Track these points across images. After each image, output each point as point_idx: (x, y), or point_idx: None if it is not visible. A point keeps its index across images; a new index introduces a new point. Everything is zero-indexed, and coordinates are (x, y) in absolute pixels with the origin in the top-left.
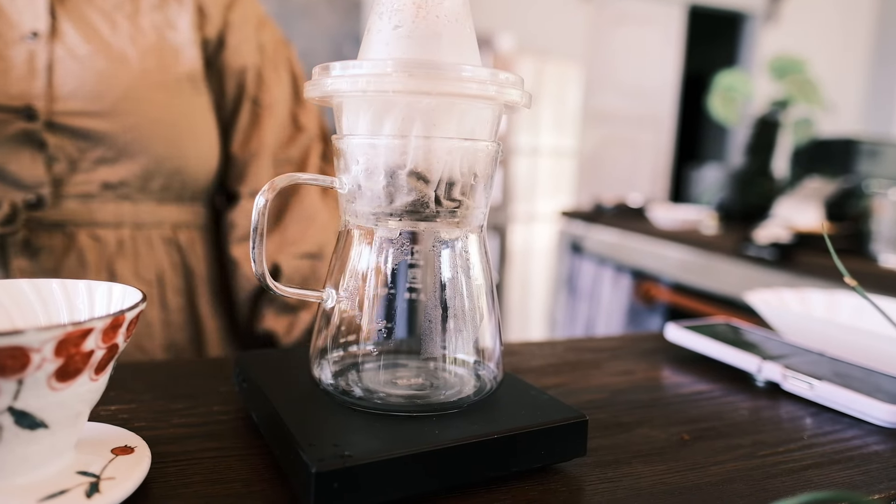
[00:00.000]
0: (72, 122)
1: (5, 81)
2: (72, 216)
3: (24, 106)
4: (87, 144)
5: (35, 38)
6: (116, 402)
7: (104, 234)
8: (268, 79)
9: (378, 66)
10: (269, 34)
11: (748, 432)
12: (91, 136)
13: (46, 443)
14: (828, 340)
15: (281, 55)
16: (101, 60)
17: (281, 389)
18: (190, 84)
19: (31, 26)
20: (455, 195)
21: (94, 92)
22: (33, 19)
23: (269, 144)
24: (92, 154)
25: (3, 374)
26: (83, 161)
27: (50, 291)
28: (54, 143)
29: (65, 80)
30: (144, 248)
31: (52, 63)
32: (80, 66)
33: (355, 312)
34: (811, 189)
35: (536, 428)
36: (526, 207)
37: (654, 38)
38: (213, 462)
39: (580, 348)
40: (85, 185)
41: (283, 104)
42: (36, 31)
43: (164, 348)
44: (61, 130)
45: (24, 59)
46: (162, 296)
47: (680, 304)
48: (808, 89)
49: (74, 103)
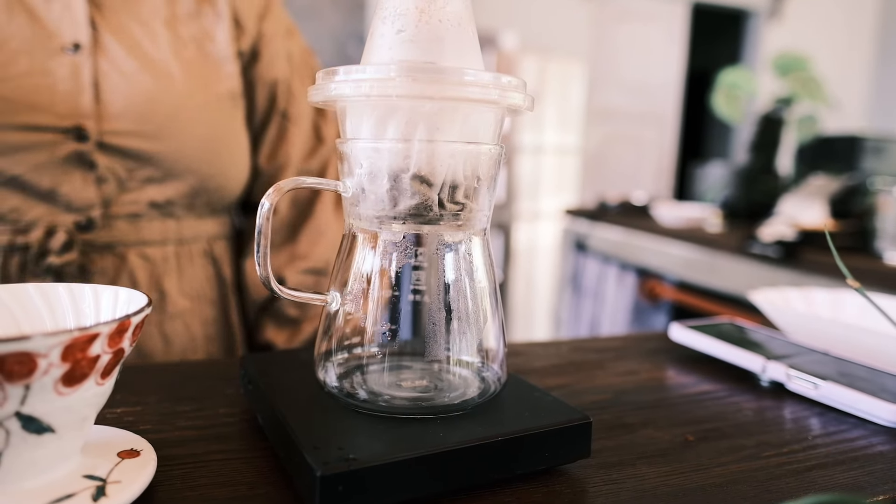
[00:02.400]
0: (121, 142)
1: (52, 98)
2: (121, 237)
3: (75, 126)
4: (136, 164)
5: (77, 50)
6: (122, 404)
7: (152, 252)
8: (296, 91)
9: (381, 71)
10: (296, 44)
11: (752, 433)
12: (140, 156)
13: (53, 447)
14: (832, 340)
15: (307, 65)
16: (148, 78)
17: (286, 392)
18: (231, 101)
19: (73, 37)
20: (458, 198)
21: (142, 112)
22: (73, 30)
23: (294, 157)
24: (140, 174)
25: (10, 379)
26: (131, 181)
27: (56, 296)
28: (105, 163)
29: (113, 98)
30: (187, 264)
31: (97, 78)
32: (126, 84)
33: (359, 315)
34: (815, 186)
35: (540, 430)
36: (530, 206)
37: (657, 35)
38: (219, 465)
39: (584, 348)
40: (133, 206)
41: (307, 116)
42: (78, 43)
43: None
44: (111, 151)
45: (69, 73)
46: (202, 310)
47: (685, 302)
48: (812, 86)
49: (124, 123)
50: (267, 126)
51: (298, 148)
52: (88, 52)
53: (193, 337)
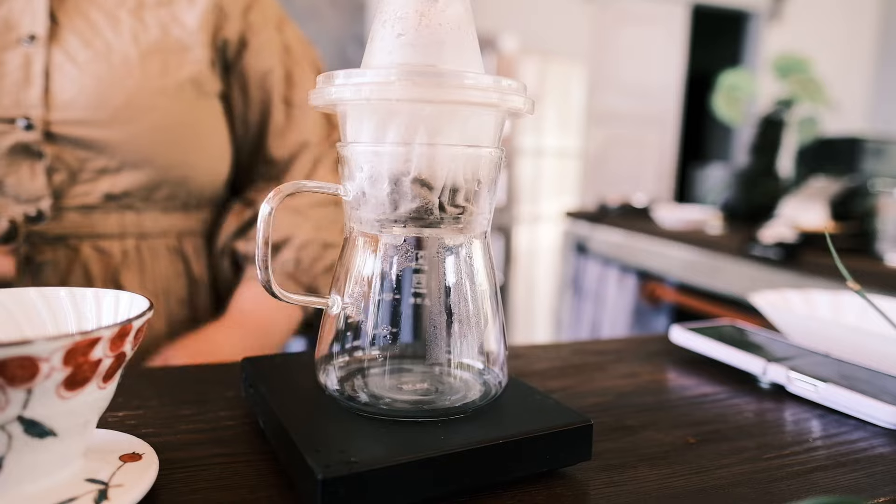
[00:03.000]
0: (71, 131)
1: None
2: (74, 229)
3: (20, 116)
4: (89, 154)
5: (32, 41)
6: (124, 407)
7: (108, 245)
8: (298, 78)
9: (381, 75)
10: (291, 34)
11: (753, 435)
12: (92, 145)
13: (55, 451)
14: (833, 342)
15: (307, 54)
16: (102, 66)
17: (287, 395)
18: (194, 88)
19: (29, 29)
20: (459, 201)
21: (94, 100)
22: (31, 22)
23: (312, 138)
24: (93, 164)
25: (12, 383)
26: (84, 172)
27: (58, 299)
28: (53, 153)
29: (63, 88)
30: (150, 259)
31: (49, 69)
32: (79, 72)
33: (360, 318)
34: (816, 188)
35: (542, 433)
36: (530, 208)
37: (657, 37)
38: (221, 468)
39: (585, 351)
40: (86, 197)
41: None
42: (33, 35)
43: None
44: (60, 140)
45: (20, 64)
46: (168, 307)
47: (685, 304)
48: (812, 88)
49: (73, 112)
50: (269, 116)
51: (311, 130)
52: (43, 44)
53: (156, 335)
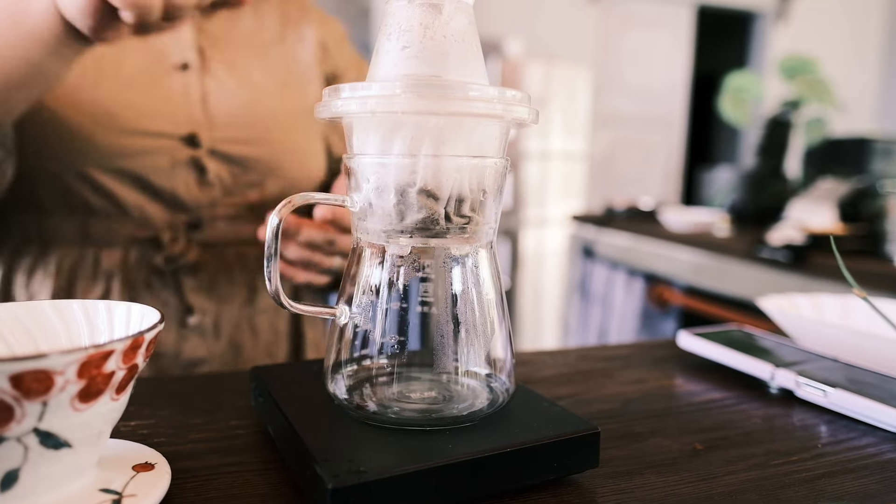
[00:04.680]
0: (229, 149)
1: (168, 107)
2: (222, 236)
3: (189, 133)
4: (240, 170)
5: (186, 69)
6: (136, 417)
7: (248, 251)
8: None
9: (386, 88)
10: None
11: (761, 441)
12: (243, 162)
13: (70, 462)
14: (842, 346)
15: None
16: (247, 92)
17: (296, 404)
18: (312, 116)
19: (181, 58)
20: (464, 211)
21: (244, 122)
22: (181, 51)
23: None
24: (243, 179)
25: (28, 396)
26: (236, 185)
27: (71, 312)
28: (213, 168)
29: (219, 111)
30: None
31: (205, 94)
32: (229, 98)
33: (368, 328)
34: (824, 190)
35: (549, 441)
36: (537, 212)
37: (662, 39)
38: (232, 477)
39: (592, 357)
40: (233, 208)
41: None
42: (186, 63)
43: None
44: (220, 157)
45: (180, 88)
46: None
47: (693, 307)
48: (819, 89)
49: (230, 132)
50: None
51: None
52: (197, 72)
53: (277, 332)
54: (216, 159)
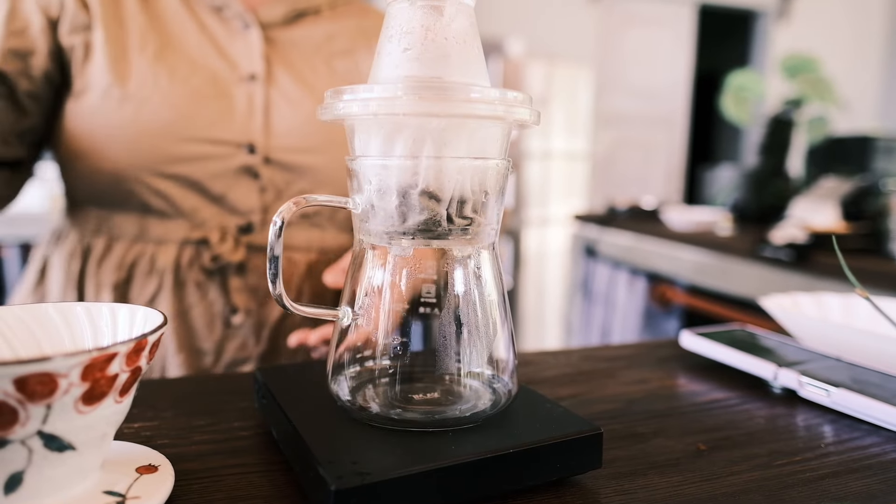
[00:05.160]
0: (283, 157)
1: (231, 118)
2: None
3: (247, 142)
4: (293, 177)
5: (253, 80)
6: (139, 419)
7: (298, 257)
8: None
9: (388, 90)
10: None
11: (765, 441)
12: (297, 169)
13: (74, 464)
14: (845, 345)
15: None
16: (308, 103)
17: (299, 406)
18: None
19: (249, 69)
20: (466, 213)
21: (304, 132)
22: (249, 63)
23: None
24: (296, 186)
25: (32, 399)
26: (288, 192)
27: (74, 315)
28: (267, 175)
29: (280, 120)
30: (321, 272)
31: (268, 104)
32: (291, 108)
33: (370, 329)
34: (827, 188)
35: (551, 442)
36: (539, 211)
37: (664, 38)
38: (235, 479)
39: (595, 357)
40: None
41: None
42: (254, 75)
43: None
44: (274, 164)
45: (245, 99)
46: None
47: (696, 306)
48: (821, 87)
49: (287, 140)
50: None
51: None
52: (262, 82)
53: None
54: (271, 166)
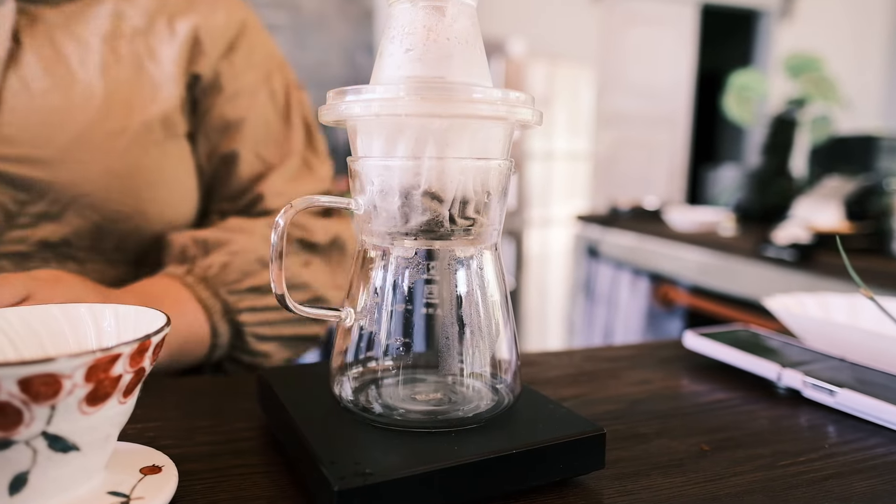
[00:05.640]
0: (12, 169)
1: None
2: None
3: None
4: (28, 196)
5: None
6: (143, 419)
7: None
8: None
9: (390, 91)
10: (279, 80)
11: (768, 442)
12: (33, 186)
13: (78, 465)
14: (849, 346)
15: (294, 102)
16: (58, 97)
17: (302, 406)
18: (162, 127)
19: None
20: (469, 213)
21: (42, 135)
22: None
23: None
24: (33, 208)
25: (36, 400)
26: (22, 216)
27: (78, 316)
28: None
29: (10, 118)
30: None
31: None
32: (30, 103)
33: (373, 330)
34: (830, 188)
35: (554, 442)
36: (541, 212)
37: (666, 37)
38: (239, 479)
39: (597, 357)
40: (20, 244)
41: (296, 154)
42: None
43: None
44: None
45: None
46: None
47: (699, 306)
48: (824, 87)
49: (18, 148)
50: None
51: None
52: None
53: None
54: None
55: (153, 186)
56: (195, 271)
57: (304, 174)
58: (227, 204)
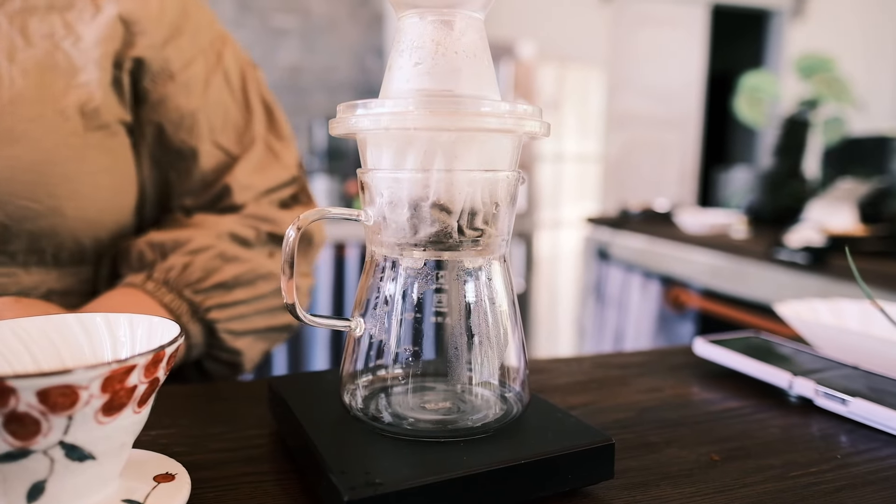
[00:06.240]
0: None
1: None
2: None
3: None
4: None
5: None
6: (156, 426)
7: None
8: (236, 117)
9: (399, 105)
10: (232, 60)
11: (779, 452)
12: None
13: (94, 473)
14: (862, 353)
15: (251, 83)
16: None
17: (312, 415)
18: (82, 117)
19: None
20: (477, 224)
21: None
22: None
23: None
24: None
25: (54, 410)
26: None
27: (94, 325)
28: None
29: None
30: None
31: None
32: None
33: (383, 340)
34: (844, 190)
35: (563, 453)
36: (551, 214)
37: (676, 38)
38: (251, 487)
39: (607, 364)
40: None
41: (259, 141)
42: None
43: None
44: None
45: None
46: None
47: (711, 310)
48: (837, 87)
49: None
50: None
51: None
52: None
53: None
54: None
55: (70, 181)
56: (155, 276)
57: (269, 162)
58: (190, 199)
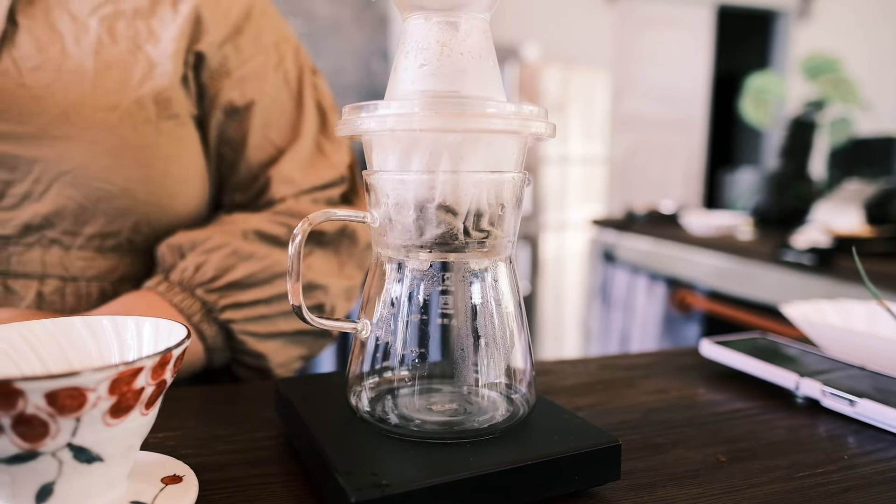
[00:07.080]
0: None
1: None
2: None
3: None
4: (13, 176)
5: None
6: (164, 429)
7: (21, 285)
8: (289, 115)
9: (405, 106)
10: (292, 62)
11: (786, 452)
12: (18, 165)
13: (102, 475)
14: (869, 354)
15: (307, 85)
16: (47, 75)
17: (319, 417)
18: (155, 104)
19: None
20: (483, 226)
21: (26, 111)
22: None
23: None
24: (17, 188)
25: (62, 412)
26: (6, 197)
27: (101, 328)
28: None
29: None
30: (73, 305)
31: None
32: (18, 81)
33: (389, 342)
34: (850, 191)
35: (570, 454)
36: (557, 216)
37: (682, 40)
38: (258, 489)
39: (613, 366)
40: (2, 227)
41: (308, 138)
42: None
43: None
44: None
45: None
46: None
47: (717, 311)
48: (844, 88)
49: (2, 125)
50: (243, 151)
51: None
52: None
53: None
54: None
55: (142, 166)
56: (170, 278)
57: (317, 160)
58: (238, 194)
